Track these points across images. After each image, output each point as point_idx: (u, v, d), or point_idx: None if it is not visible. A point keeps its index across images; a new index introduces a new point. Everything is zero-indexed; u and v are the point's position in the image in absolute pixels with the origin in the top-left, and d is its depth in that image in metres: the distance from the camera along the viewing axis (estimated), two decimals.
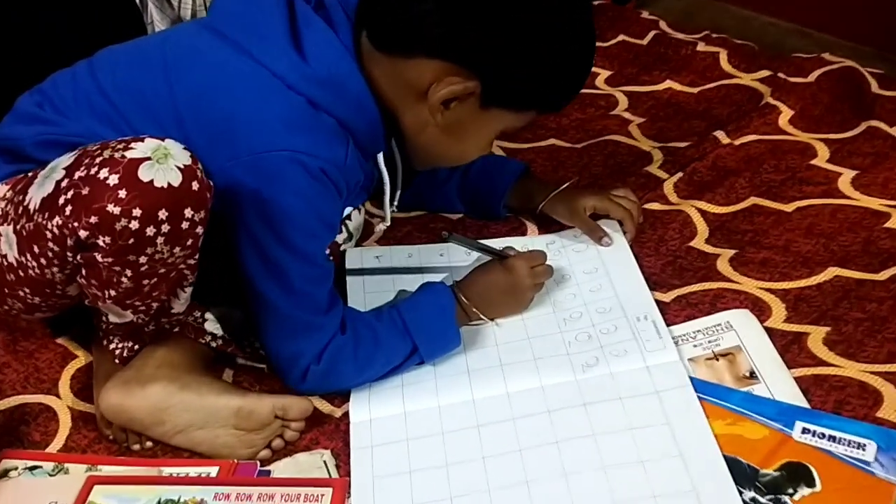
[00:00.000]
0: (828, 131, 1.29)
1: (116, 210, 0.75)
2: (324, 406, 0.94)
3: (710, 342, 0.97)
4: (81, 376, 0.99)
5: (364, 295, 1.06)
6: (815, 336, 0.97)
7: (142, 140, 0.78)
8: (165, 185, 0.76)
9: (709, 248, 1.10)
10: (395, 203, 1.06)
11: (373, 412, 0.93)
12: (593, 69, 1.46)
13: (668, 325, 0.98)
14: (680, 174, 1.22)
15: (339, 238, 1.07)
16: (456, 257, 1.10)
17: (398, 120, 0.92)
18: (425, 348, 0.95)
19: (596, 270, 1.07)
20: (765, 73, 1.43)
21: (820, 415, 0.88)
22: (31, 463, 0.90)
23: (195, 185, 0.78)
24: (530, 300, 1.02)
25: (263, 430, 0.89)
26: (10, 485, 0.87)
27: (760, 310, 1.00)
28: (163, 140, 0.79)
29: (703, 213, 1.15)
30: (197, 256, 0.85)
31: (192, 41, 0.91)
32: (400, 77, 0.88)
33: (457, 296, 0.98)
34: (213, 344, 0.96)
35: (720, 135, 1.29)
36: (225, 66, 0.87)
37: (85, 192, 0.76)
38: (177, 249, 0.80)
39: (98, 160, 0.77)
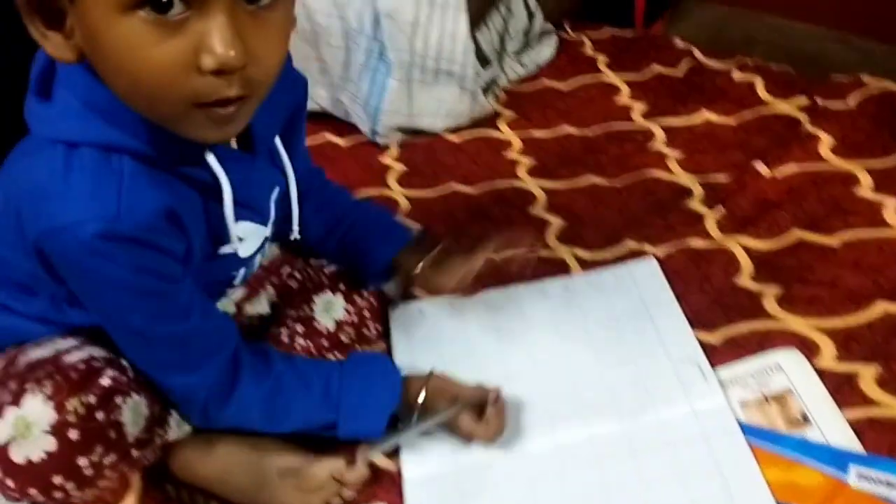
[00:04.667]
0: (870, 158, 1.27)
1: (17, 495, 0.76)
2: (380, 460, 0.94)
3: (759, 384, 0.97)
4: None
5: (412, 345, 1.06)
6: (867, 375, 0.96)
7: (1, 416, 0.75)
8: (44, 457, 0.75)
9: (754, 286, 1.10)
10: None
11: (426, 467, 0.94)
12: (629, 102, 1.49)
13: (716, 366, 0.98)
14: (721, 209, 1.22)
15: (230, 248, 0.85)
16: (507, 311, 1.09)
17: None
18: (345, 429, 0.90)
19: (637, 312, 1.07)
20: (802, 99, 1.42)
21: (875, 459, 0.87)
22: None
23: (73, 435, 0.75)
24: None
25: (321, 491, 0.90)
26: None
27: (810, 349, 1.00)
28: (18, 404, 0.75)
29: (746, 249, 1.15)
30: (133, 454, 0.82)
31: None
32: None
33: (406, 390, 0.91)
34: None
35: (760, 166, 1.28)
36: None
37: None
38: (102, 483, 0.79)
39: None
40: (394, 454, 0.95)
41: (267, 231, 0.88)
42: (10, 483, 0.75)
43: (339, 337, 1.02)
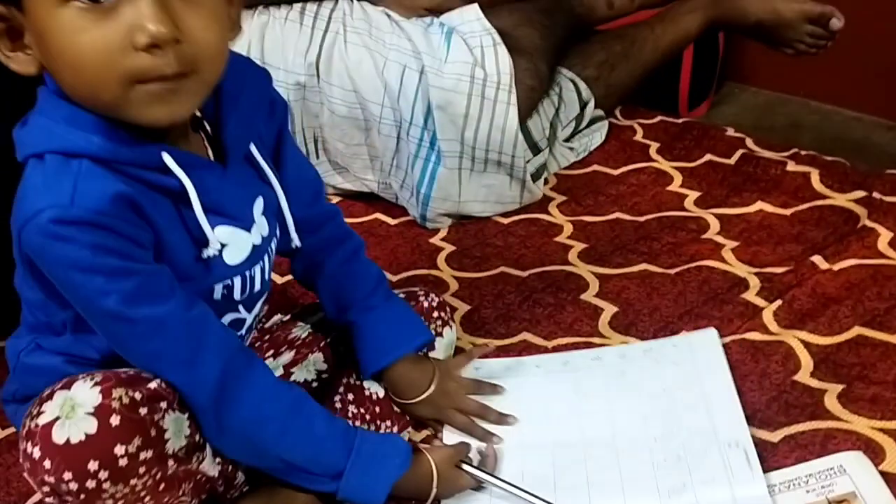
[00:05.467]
0: None
1: (52, 480, 0.77)
2: None
3: (823, 487, 0.93)
4: None
5: None
6: None
7: (51, 398, 0.78)
8: (83, 438, 0.76)
9: (815, 383, 1.07)
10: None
11: None
12: (682, 190, 1.49)
13: (778, 468, 0.96)
14: (779, 302, 1.20)
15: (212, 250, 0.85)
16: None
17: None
18: (349, 483, 0.88)
19: (692, 388, 1.06)
20: (859, 193, 1.41)
21: None
22: None
23: (115, 421, 0.77)
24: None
25: None
26: None
27: (874, 451, 0.97)
28: (69, 388, 0.78)
29: (806, 344, 1.13)
30: (170, 464, 0.81)
31: None
32: None
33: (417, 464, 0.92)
34: None
35: (818, 259, 1.27)
36: None
37: (27, 467, 0.78)
38: (134, 482, 0.79)
39: (25, 431, 0.79)
40: None
41: (254, 238, 0.89)
42: (46, 464, 0.76)
43: (389, 404, 1.04)
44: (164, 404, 0.81)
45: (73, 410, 0.77)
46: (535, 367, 1.13)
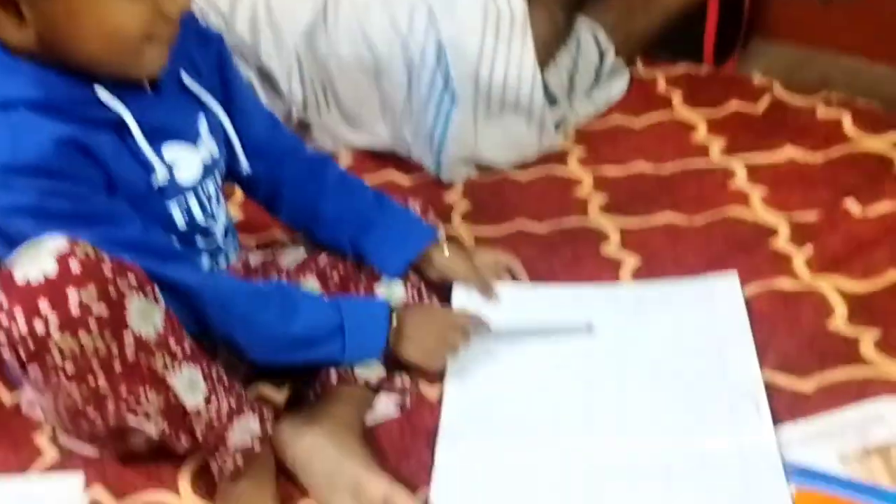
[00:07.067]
0: None
1: (6, 322, 0.75)
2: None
3: (860, 437, 0.89)
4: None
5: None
6: None
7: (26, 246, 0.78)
8: (41, 279, 0.75)
9: (849, 330, 1.03)
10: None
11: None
12: (707, 138, 1.43)
13: (811, 415, 0.92)
14: (810, 247, 1.15)
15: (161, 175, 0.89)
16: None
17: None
18: (352, 329, 0.94)
19: (706, 332, 1.04)
20: (893, 136, 1.35)
21: None
22: None
23: (74, 266, 0.75)
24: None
25: None
26: None
27: None
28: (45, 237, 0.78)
29: (839, 290, 1.08)
30: (124, 335, 0.78)
31: None
32: None
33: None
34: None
35: (851, 203, 1.22)
36: None
37: None
38: (85, 338, 0.76)
39: None
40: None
41: (202, 154, 0.94)
42: (3, 303, 0.75)
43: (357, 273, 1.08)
44: (132, 278, 0.79)
45: (38, 251, 0.76)
46: (549, 298, 1.12)
